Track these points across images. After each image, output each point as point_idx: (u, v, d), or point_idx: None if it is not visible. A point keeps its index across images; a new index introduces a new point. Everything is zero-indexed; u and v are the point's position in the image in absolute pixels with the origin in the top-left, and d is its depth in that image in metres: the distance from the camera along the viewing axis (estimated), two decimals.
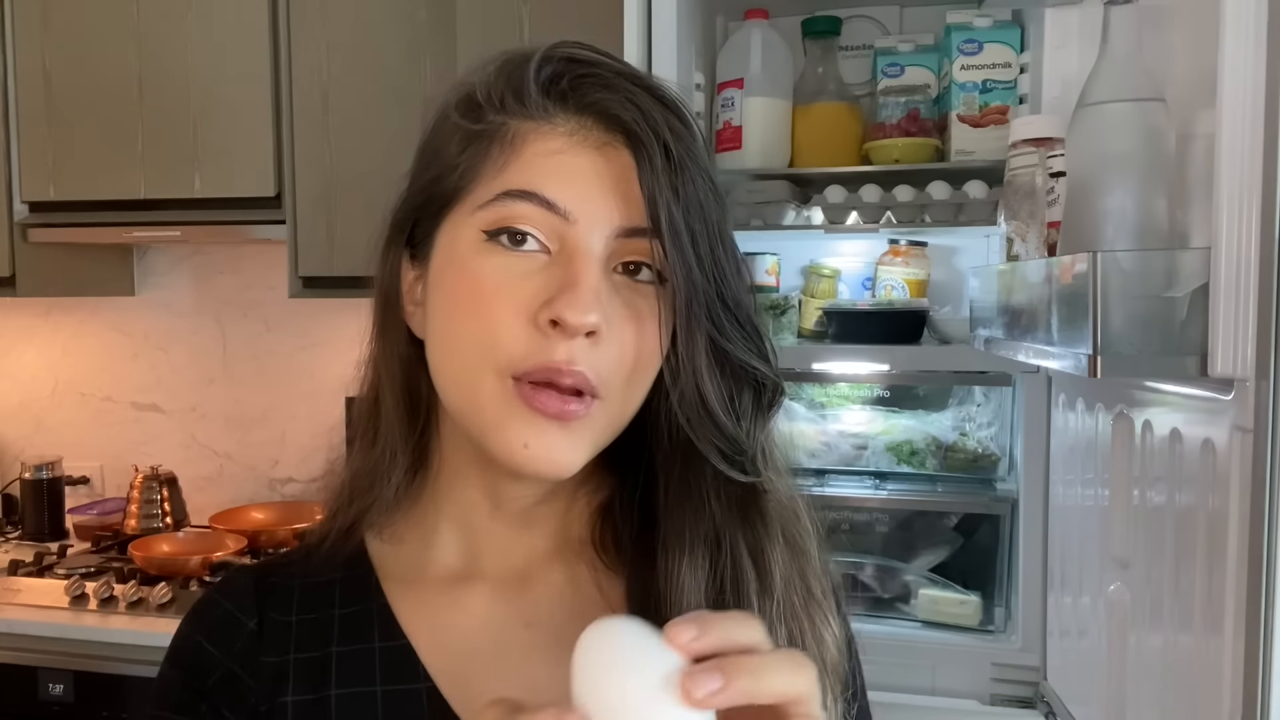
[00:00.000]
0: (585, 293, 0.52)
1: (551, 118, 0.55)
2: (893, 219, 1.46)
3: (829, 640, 0.60)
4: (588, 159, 0.54)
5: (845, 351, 1.49)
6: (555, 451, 0.54)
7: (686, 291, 0.54)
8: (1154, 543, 0.94)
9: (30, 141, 2.03)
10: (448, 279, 0.56)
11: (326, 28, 1.89)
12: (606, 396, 0.54)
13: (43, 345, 2.44)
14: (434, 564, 0.63)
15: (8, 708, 1.76)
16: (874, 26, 1.65)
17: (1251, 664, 0.72)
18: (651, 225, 0.53)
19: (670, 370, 0.56)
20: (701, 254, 0.54)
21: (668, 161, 0.53)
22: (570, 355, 0.52)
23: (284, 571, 0.64)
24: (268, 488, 2.32)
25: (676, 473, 0.59)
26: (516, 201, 0.53)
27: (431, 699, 0.59)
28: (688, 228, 0.53)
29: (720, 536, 0.58)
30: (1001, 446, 1.57)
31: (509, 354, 0.53)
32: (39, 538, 2.22)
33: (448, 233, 0.56)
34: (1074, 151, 0.97)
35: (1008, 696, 1.43)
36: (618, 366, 0.54)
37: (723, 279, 0.56)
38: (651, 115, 0.54)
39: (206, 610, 0.63)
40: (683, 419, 0.56)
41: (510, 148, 0.55)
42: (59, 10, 2.00)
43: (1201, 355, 0.75)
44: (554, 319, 0.51)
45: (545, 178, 0.53)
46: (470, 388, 0.54)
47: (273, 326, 2.31)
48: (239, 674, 0.60)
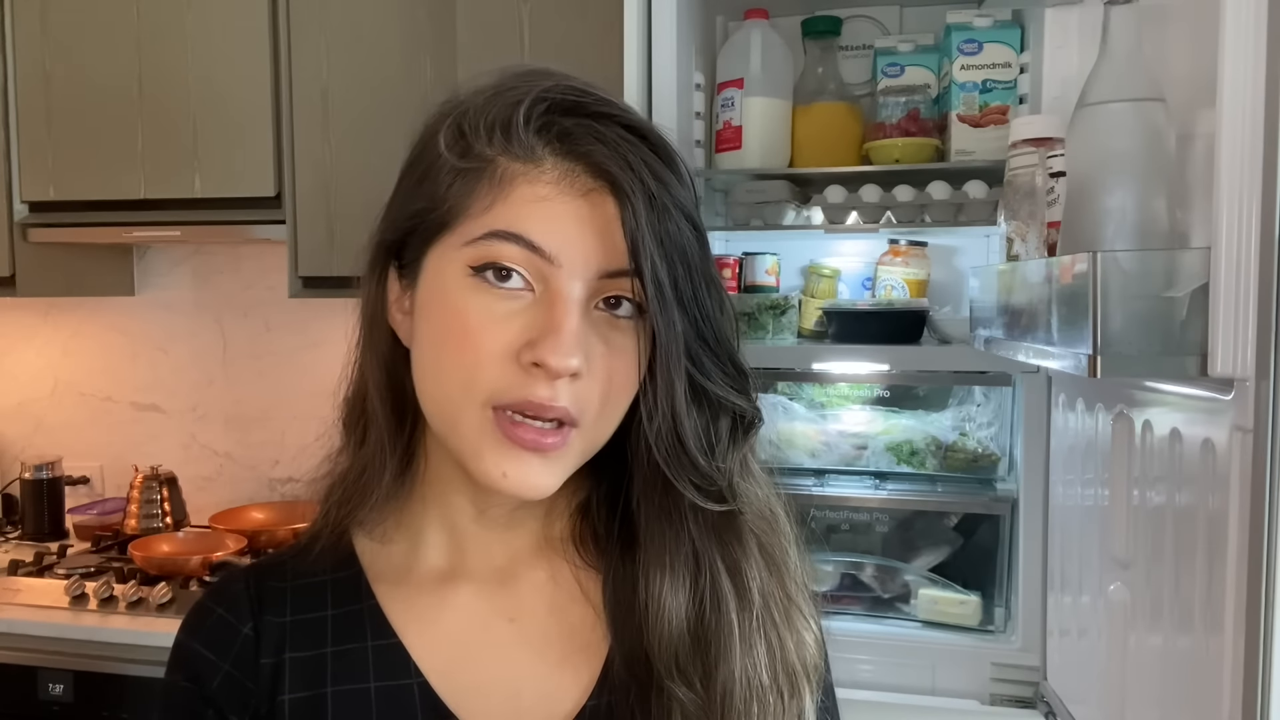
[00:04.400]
0: (567, 338, 0.54)
1: (539, 162, 0.56)
2: (893, 219, 1.46)
3: (809, 641, 0.63)
4: (573, 206, 0.56)
5: (845, 351, 1.49)
6: (533, 477, 0.56)
7: (666, 338, 0.56)
8: (1154, 543, 0.94)
9: (30, 141, 2.03)
10: (434, 310, 0.58)
11: (326, 28, 1.89)
12: (583, 425, 0.57)
13: (43, 345, 2.44)
14: (421, 564, 0.65)
15: (8, 708, 1.76)
16: (874, 26, 1.65)
17: (1251, 664, 0.72)
18: (635, 272, 0.55)
19: (647, 408, 0.58)
20: (684, 297, 0.57)
21: (651, 209, 0.55)
22: (553, 393, 0.55)
23: (276, 573, 0.66)
24: (268, 488, 2.32)
25: (656, 499, 0.61)
26: (503, 243, 0.55)
27: (423, 693, 0.61)
28: (669, 273, 0.56)
29: (699, 559, 0.61)
30: (1001, 446, 1.57)
31: (491, 388, 0.55)
32: (39, 538, 2.22)
33: (434, 261, 0.58)
34: (1074, 151, 0.97)
35: (1008, 696, 1.43)
36: (595, 398, 0.57)
37: (704, 319, 0.58)
38: (638, 165, 0.56)
39: (201, 617, 0.64)
40: (659, 456, 0.58)
41: (498, 187, 0.56)
42: (59, 11, 2.00)
43: (1201, 355, 0.75)
44: (536, 361, 0.54)
45: (532, 221, 0.55)
46: (452, 416, 0.57)
47: (273, 326, 2.31)
48: (238, 678, 0.61)
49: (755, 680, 0.60)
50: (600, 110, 0.58)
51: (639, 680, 0.61)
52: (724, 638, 0.60)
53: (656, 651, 0.60)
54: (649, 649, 0.60)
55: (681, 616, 0.60)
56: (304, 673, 0.61)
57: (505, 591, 0.65)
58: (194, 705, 0.61)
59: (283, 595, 0.64)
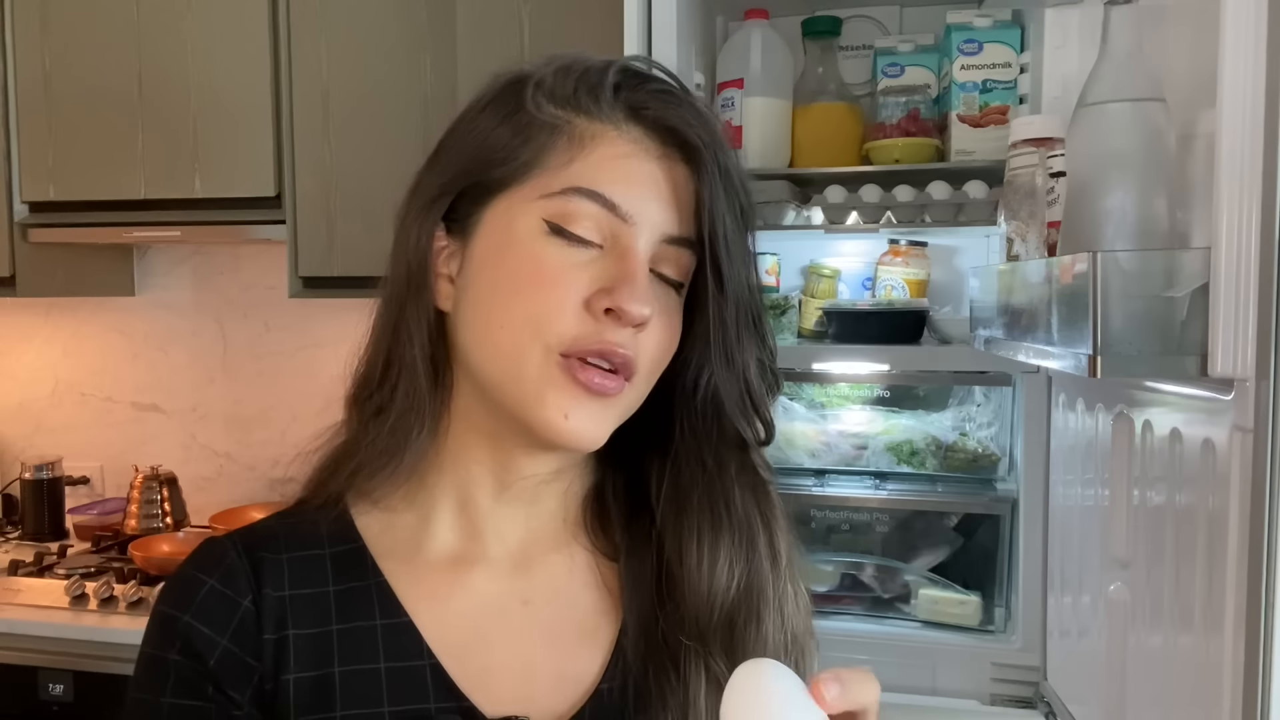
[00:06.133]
0: (641, 289, 0.57)
1: (620, 125, 0.60)
2: (893, 219, 1.46)
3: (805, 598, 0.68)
4: (649, 167, 0.60)
5: (845, 351, 1.49)
6: (591, 423, 0.59)
7: (736, 295, 0.61)
8: (1154, 543, 0.94)
9: (30, 141, 2.03)
10: (503, 259, 0.59)
11: (326, 28, 1.89)
12: (636, 379, 0.60)
13: (43, 345, 2.44)
14: (432, 542, 0.64)
15: (8, 708, 1.76)
16: (874, 26, 1.65)
17: (1251, 664, 0.72)
18: (709, 235, 0.59)
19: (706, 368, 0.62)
20: (747, 264, 0.62)
21: (723, 178, 0.60)
22: (625, 340, 0.58)
23: (269, 544, 0.63)
24: (268, 488, 2.32)
25: (705, 463, 0.64)
26: (583, 199, 0.58)
27: (435, 675, 0.60)
28: (738, 239, 0.60)
29: (749, 519, 0.64)
30: (1001, 446, 1.57)
31: (560, 334, 0.57)
32: (39, 538, 2.22)
33: (501, 214, 0.60)
34: (1074, 151, 0.97)
35: (1008, 696, 1.43)
36: (652, 355, 0.60)
37: (750, 286, 0.63)
38: (714, 134, 0.60)
39: (190, 589, 0.60)
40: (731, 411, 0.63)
41: (578, 145, 0.59)
42: (59, 11, 2.00)
43: (1201, 355, 0.75)
44: (611, 308, 0.57)
45: (612, 180, 0.58)
46: (516, 360, 0.58)
47: (273, 326, 2.31)
48: (239, 655, 0.59)
49: (782, 640, 0.63)
50: (674, 85, 0.62)
51: (655, 660, 0.62)
52: (761, 601, 0.63)
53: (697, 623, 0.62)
54: (684, 621, 0.62)
55: (730, 580, 0.62)
56: (309, 650, 0.60)
57: (520, 574, 0.65)
58: (195, 681, 0.58)
59: (279, 567, 0.62)
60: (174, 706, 0.58)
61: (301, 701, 0.59)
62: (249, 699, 0.59)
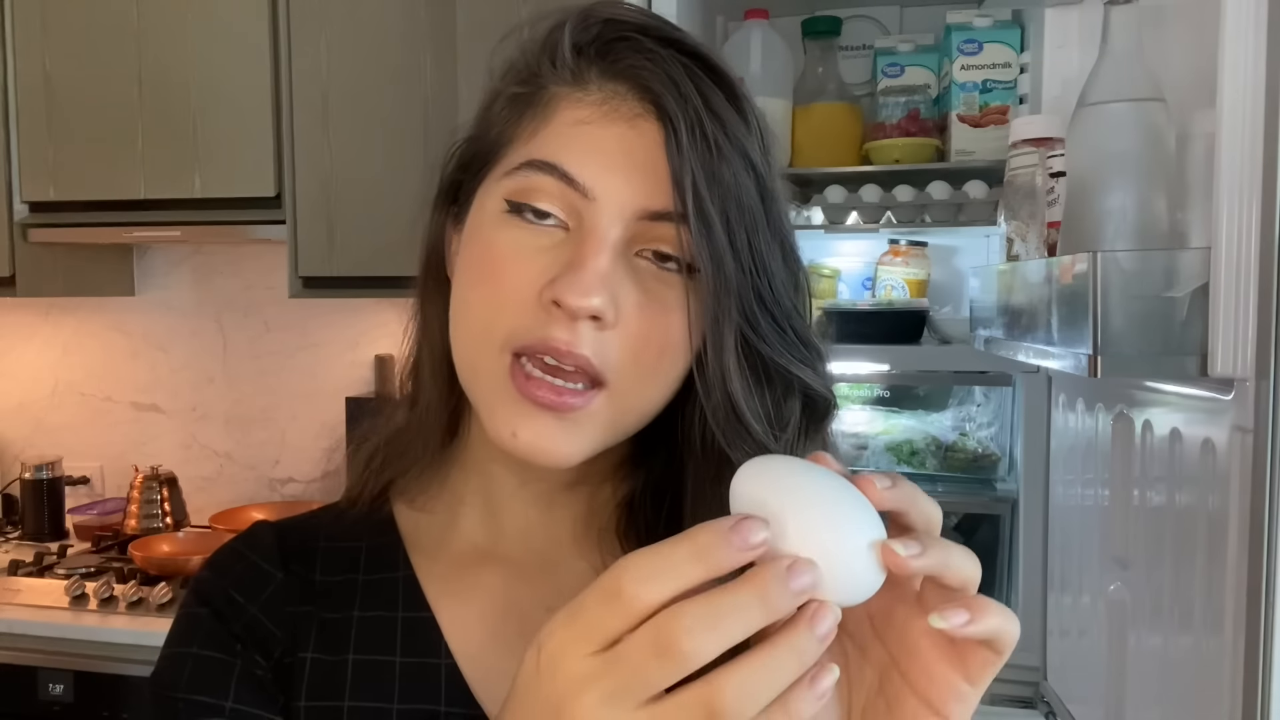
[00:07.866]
0: (588, 275, 0.48)
1: (584, 84, 0.52)
2: (893, 219, 1.46)
3: None
4: (616, 132, 0.50)
5: (845, 351, 1.49)
6: (545, 441, 0.51)
7: (714, 281, 0.50)
8: (1154, 543, 0.94)
9: (30, 141, 2.03)
10: (470, 245, 0.54)
11: (326, 28, 1.89)
12: (614, 386, 0.51)
13: (43, 345, 2.44)
14: (458, 537, 0.62)
15: (8, 708, 1.76)
16: (874, 26, 1.65)
17: (1251, 664, 0.72)
18: (679, 207, 0.49)
19: (699, 370, 0.52)
20: (736, 243, 0.50)
21: (701, 138, 0.49)
22: (571, 337, 0.49)
23: (308, 532, 0.63)
24: (268, 488, 2.32)
25: (707, 488, 0.55)
26: (538, 173, 0.50)
27: (450, 676, 0.58)
28: (721, 212, 0.49)
29: None
30: (1001, 446, 1.57)
31: (510, 327, 0.50)
32: (39, 538, 2.22)
33: (480, 197, 0.54)
34: (1074, 151, 0.97)
35: (1008, 696, 1.43)
36: (630, 356, 0.51)
37: (760, 272, 0.51)
38: (688, 89, 0.50)
39: (232, 561, 0.61)
40: (715, 426, 0.52)
41: (542, 113, 0.52)
42: (59, 11, 2.00)
43: (1201, 355, 0.75)
44: (555, 299, 0.49)
45: (569, 150, 0.50)
46: (471, 361, 0.53)
47: (273, 326, 2.31)
48: (264, 622, 0.59)
49: None
50: (655, 28, 0.52)
51: None
52: None
53: None
54: None
55: None
56: (329, 634, 0.59)
57: (544, 579, 0.62)
58: (223, 638, 0.58)
59: (313, 555, 0.62)
60: (200, 656, 0.58)
61: (313, 683, 0.58)
62: (270, 668, 0.59)
